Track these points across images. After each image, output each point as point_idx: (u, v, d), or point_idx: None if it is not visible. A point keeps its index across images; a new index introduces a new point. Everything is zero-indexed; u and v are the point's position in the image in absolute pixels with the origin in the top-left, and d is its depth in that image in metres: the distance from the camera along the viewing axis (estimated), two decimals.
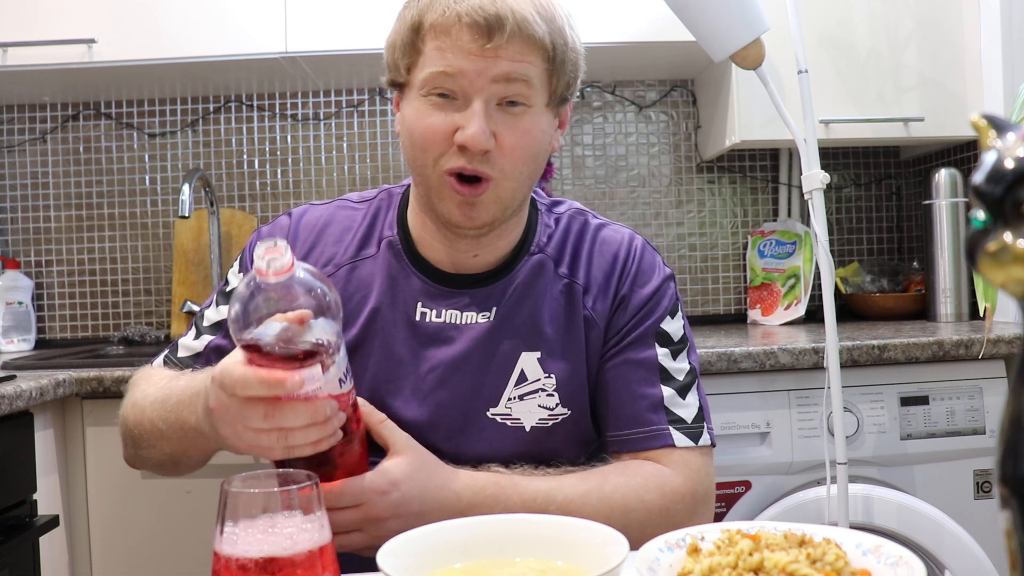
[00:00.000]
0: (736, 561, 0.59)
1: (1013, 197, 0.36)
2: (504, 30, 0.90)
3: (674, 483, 0.97)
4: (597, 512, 0.89)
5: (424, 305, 1.02)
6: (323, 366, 0.76)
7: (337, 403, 0.79)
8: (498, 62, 0.92)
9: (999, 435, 0.38)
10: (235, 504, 0.61)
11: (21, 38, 1.87)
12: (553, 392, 1.00)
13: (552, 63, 0.95)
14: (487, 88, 0.92)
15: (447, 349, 1.00)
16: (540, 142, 0.97)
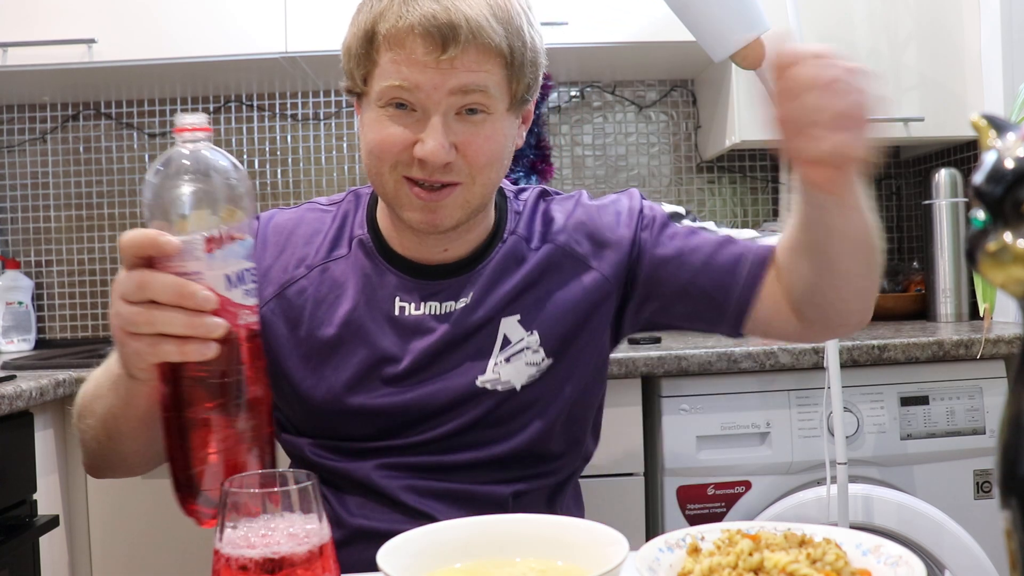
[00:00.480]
0: (736, 561, 0.59)
1: (1013, 197, 0.36)
2: (458, 40, 0.88)
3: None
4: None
5: (402, 300, 1.01)
6: (209, 245, 0.69)
7: (218, 301, 0.69)
8: (454, 73, 0.90)
9: (999, 435, 0.38)
10: (235, 503, 0.61)
11: (21, 38, 1.87)
12: (538, 348, 1.01)
13: (511, 68, 0.93)
14: (444, 100, 0.91)
15: (429, 338, 1.00)
16: (503, 146, 0.97)
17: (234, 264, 0.71)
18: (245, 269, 0.72)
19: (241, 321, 0.72)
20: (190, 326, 0.68)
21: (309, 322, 1.02)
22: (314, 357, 1.01)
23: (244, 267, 0.71)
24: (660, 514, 1.62)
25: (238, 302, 0.71)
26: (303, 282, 1.03)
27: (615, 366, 1.57)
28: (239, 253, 0.71)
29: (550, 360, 1.01)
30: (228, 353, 0.71)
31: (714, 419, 1.60)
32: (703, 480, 1.60)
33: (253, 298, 0.73)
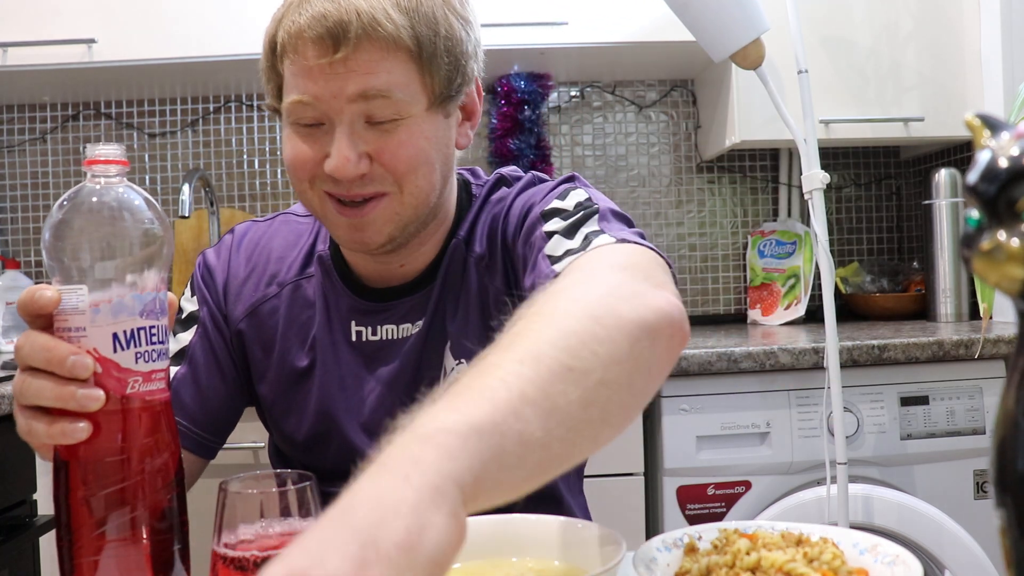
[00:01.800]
0: (733, 560, 0.59)
1: (1007, 196, 0.36)
2: (349, 37, 0.79)
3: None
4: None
5: (358, 324, 0.95)
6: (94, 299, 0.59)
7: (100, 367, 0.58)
8: (351, 77, 0.81)
9: (993, 433, 0.38)
10: (233, 504, 0.61)
11: (21, 38, 1.87)
12: None
13: (420, 61, 0.83)
14: (346, 109, 0.82)
15: (386, 368, 0.94)
16: (427, 150, 0.86)
17: (125, 322, 0.60)
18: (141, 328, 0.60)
19: (130, 390, 0.59)
20: (59, 397, 0.57)
21: (281, 345, 0.97)
22: (284, 382, 0.97)
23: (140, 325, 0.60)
24: (660, 514, 1.62)
25: (127, 367, 0.59)
26: (275, 301, 0.98)
27: None
28: (133, 308, 0.60)
29: None
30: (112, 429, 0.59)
31: (714, 419, 1.60)
32: (703, 480, 1.60)
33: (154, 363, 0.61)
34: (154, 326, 0.61)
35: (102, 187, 0.62)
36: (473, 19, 0.90)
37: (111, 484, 0.59)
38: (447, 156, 0.90)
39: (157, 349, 0.61)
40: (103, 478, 0.59)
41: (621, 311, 0.64)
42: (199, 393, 0.96)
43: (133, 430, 0.60)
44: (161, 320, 0.62)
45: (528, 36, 1.92)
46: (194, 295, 1.01)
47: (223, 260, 1.01)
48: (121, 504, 0.59)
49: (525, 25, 1.89)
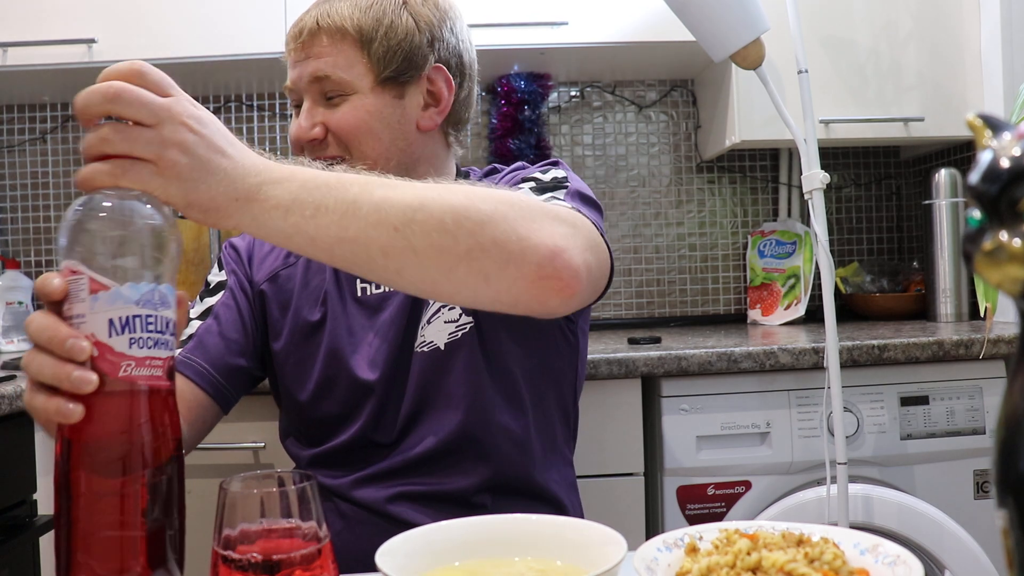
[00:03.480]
0: (734, 560, 0.59)
1: (1008, 196, 0.36)
2: (306, 26, 1.03)
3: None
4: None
5: (363, 281, 1.09)
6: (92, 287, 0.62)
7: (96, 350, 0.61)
8: (308, 63, 1.04)
9: (995, 434, 0.38)
10: (234, 504, 0.61)
11: (21, 38, 1.87)
12: (453, 305, 1.04)
13: (361, 45, 1.04)
14: (308, 88, 1.05)
15: (385, 314, 1.07)
16: (369, 121, 1.05)
17: (121, 309, 0.63)
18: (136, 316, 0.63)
19: (123, 372, 0.62)
20: (56, 376, 0.61)
21: (296, 304, 1.11)
22: (297, 337, 1.10)
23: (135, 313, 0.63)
24: (660, 514, 1.62)
25: (120, 351, 0.62)
26: (292, 269, 1.13)
27: (615, 366, 1.57)
28: (129, 297, 0.63)
29: (470, 318, 1.04)
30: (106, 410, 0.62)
31: (714, 419, 1.60)
32: (703, 480, 1.60)
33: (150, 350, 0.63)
34: (151, 315, 0.63)
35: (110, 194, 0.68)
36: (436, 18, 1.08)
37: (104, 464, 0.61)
38: (401, 131, 1.07)
39: (154, 338, 0.63)
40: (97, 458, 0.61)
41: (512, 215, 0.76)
42: (222, 341, 1.08)
43: (125, 412, 0.62)
44: (161, 311, 0.64)
45: (528, 36, 1.92)
46: (221, 269, 1.16)
47: (248, 240, 1.19)
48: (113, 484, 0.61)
49: (525, 25, 1.90)
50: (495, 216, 0.75)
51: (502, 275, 0.76)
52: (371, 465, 1.05)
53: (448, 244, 0.73)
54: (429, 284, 0.76)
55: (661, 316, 2.34)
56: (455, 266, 0.74)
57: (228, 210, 0.70)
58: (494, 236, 0.75)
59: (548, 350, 1.09)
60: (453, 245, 0.73)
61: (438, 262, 0.73)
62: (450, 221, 0.73)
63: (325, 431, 1.09)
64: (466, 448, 1.04)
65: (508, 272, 0.76)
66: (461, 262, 0.74)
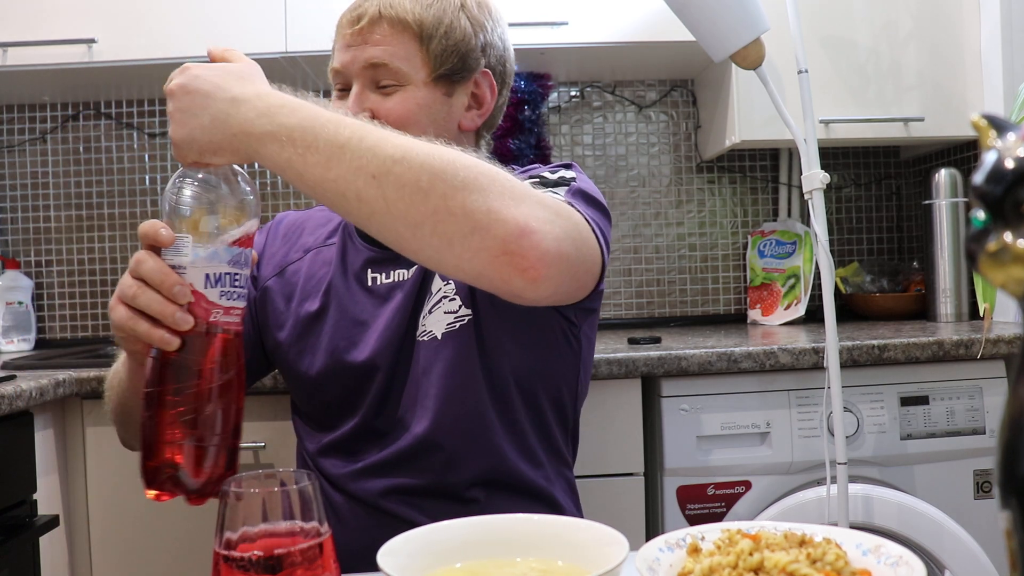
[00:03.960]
0: (736, 561, 0.59)
1: (1013, 197, 0.36)
2: (368, 13, 1.04)
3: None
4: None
5: (373, 271, 1.11)
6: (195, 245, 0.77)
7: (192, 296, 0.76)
8: (365, 48, 1.05)
9: (999, 435, 0.38)
10: (235, 504, 0.61)
11: (21, 38, 1.87)
12: (454, 296, 1.06)
13: (420, 40, 1.05)
14: (361, 74, 1.05)
15: (393, 302, 1.08)
16: (417, 114, 1.06)
17: (216, 266, 0.77)
18: (227, 273, 0.77)
19: (213, 318, 0.77)
20: (161, 312, 0.75)
21: (300, 295, 1.14)
22: (300, 326, 1.12)
23: (227, 271, 0.77)
24: (660, 514, 1.62)
25: (212, 300, 0.77)
26: (299, 263, 1.17)
27: (615, 366, 1.57)
28: (223, 257, 0.77)
29: (469, 311, 1.05)
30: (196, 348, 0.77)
31: (714, 419, 1.60)
32: (703, 480, 1.60)
33: (234, 302, 0.78)
34: (237, 274, 0.78)
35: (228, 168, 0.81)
36: (489, 25, 1.12)
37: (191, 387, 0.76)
38: (445, 128, 1.09)
39: (237, 291, 0.78)
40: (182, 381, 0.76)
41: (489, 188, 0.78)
42: None
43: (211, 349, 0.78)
44: (243, 270, 0.79)
45: (528, 36, 1.92)
46: None
47: (262, 236, 1.21)
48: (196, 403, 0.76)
49: (525, 25, 1.89)
50: (470, 184, 0.77)
51: (465, 243, 0.78)
52: (369, 456, 1.06)
53: (418, 201, 0.77)
54: (395, 236, 0.79)
55: (661, 316, 2.34)
56: (420, 224, 0.77)
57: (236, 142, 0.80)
58: (464, 203, 0.77)
59: (547, 351, 1.09)
60: (422, 203, 0.77)
61: (405, 217, 0.77)
62: (425, 179, 0.76)
63: (331, 419, 1.10)
64: (456, 441, 1.04)
65: (472, 241, 0.78)
66: (427, 221, 0.77)
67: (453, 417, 1.04)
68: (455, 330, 1.05)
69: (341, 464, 1.07)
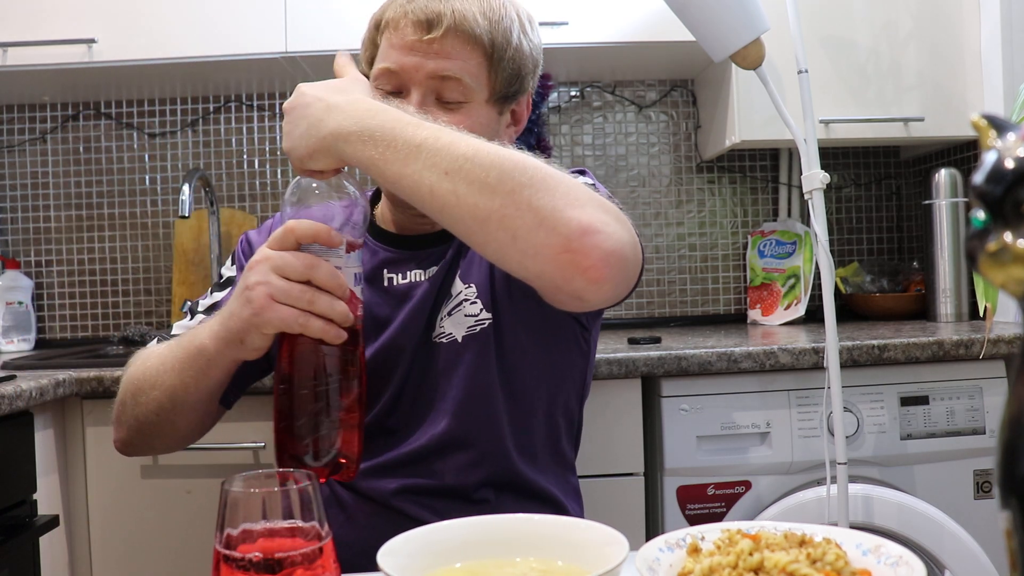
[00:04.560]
0: (736, 561, 0.59)
1: (1013, 197, 0.36)
2: (441, 24, 0.99)
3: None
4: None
5: (390, 272, 1.10)
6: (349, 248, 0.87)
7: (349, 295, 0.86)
8: (433, 58, 1.01)
9: (999, 435, 0.38)
10: (235, 504, 0.61)
11: (21, 38, 1.87)
12: (475, 300, 1.06)
13: (490, 60, 1.03)
14: (424, 83, 1.01)
15: (411, 302, 1.08)
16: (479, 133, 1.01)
17: (357, 267, 0.89)
18: (358, 272, 0.90)
19: (359, 313, 0.89)
20: (330, 310, 0.84)
21: None
22: None
23: (358, 270, 0.90)
24: (660, 514, 1.62)
25: (358, 298, 0.89)
26: None
27: (615, 366, 1.57)
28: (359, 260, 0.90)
29: (490, 315, 1.06)
30: (351, 337, 0.87)
31: (714, 419, 1.60)
32: (703, 480, 1.60)
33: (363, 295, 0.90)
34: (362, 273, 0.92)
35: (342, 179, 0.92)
36: (540, 47, 1.12)
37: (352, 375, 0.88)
38: None
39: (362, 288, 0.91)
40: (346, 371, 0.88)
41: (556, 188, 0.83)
42: None
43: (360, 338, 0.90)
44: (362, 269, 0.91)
45: None
46: (233, 264, 1.18)
47: (263, 234, 1.17)
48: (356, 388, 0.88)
49: None
50: (537, 183, 0.82)
51: (530, 238, 0.81)
52: (381, 455, 1.06)
53: (486, 196, 0.82)
54: (464, 229, 0.85)
55: (661, 316, 2.34)
56: (488, 218, 0.82)
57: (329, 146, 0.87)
58: (531, 200, 0.81)
59: (563, 355, 1.10)
60: (490, 198, 0.82)
61: (474, 211, 0.82)
62: (494, 176, 0.82)
63: None
64: (471, 443, 1.05)
65: (536, 236, 0.81)
66: (493, 216, 0.82)
67: (469, 420, 1.05)
68: (475, 333, 1.05)
69: None
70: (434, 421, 1.05)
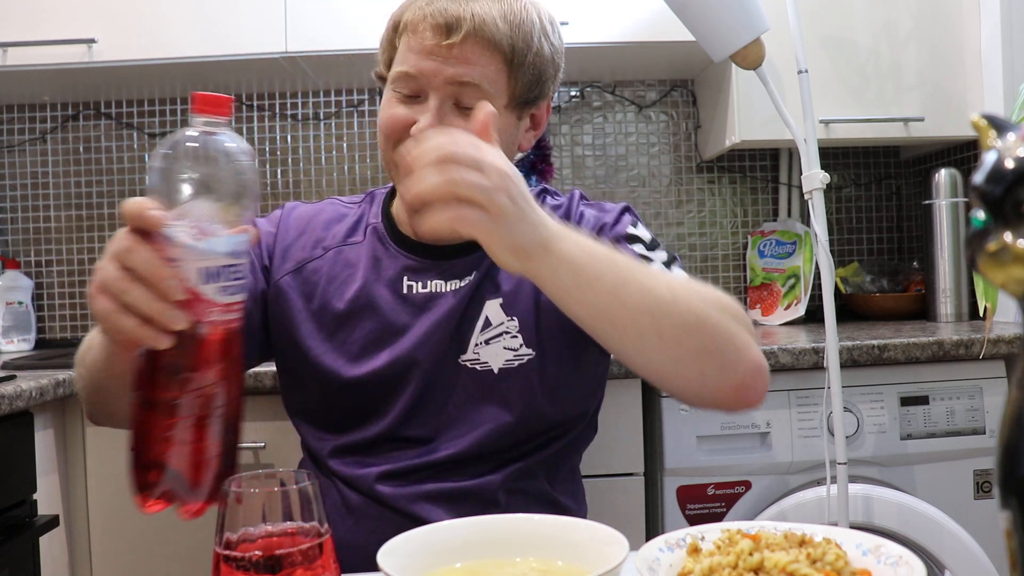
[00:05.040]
0: (736, 561, 0.59)
1: (1013, 197, 0.36)
2: (461, 29, 0.97)
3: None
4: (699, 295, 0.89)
5: (410, 279, 1.08)
6: (193, 234, 0.67)
7: (186, 293, 0.67)
8: (452, 63, 0.98)
9: (999, 435, 0.38)
10: (235, 504, 0.61)
11: (21, 38, 1.86)
12: (517, 334, 1.05)
13: (510, 66, 1.01)
14: (442, 88, 0.99)
15: (432, 314, 1.06)
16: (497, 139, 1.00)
17: (215, 259, 0.67)
18: (227, 266, 0.68)
19: (210, 319, 0.68)
20: (151, 310, 0.67)
21: (322, 296, 1.10)
22: (326, 327, 1.08)
23: (226, 263, 0.68)
24: (660, 514, 1.62)
25: (210, 298, 0.67)
26: (319, 262, 1.12)
27: (615, 366, 1.57)
28: (223, 248, 0.67)
29: (531, 351, 1.05)
30: (189, 348, 0.68)
31: (714, 419, 1.60)
32: (703, 480, 1.60)
33: (232, 296, 0.69)
34: (236, 264, 0.69)
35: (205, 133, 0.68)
36: (562, 50, 1.11)
37: (187, 389, 0.68)
38: (510, 152, 1.06)
39: (236, 284, 0.69)
40: (181, 383, 0.68)
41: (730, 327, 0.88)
42: None
43: (207, 348, 0.69)
44: (243, 259, 0.70)
45: None
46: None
47: (273, 224, 1.16)
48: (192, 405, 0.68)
49: None
50: (721, 326, 0.87)
51: (716, 377, 0.88)
52: (399, 461, 1.05)
53: (686, 339, 0.85)
54: (656, 366, 0.87)
55: None
56: (683, 358, 0.85)
57: (535, 255, 0.79)
58: (719, 343, 0.87)
59: (593, 380, 1.13)
60: (689, 341, 0.85)
61: (674, 352, 0.85)
62: (694, 320, 0.85)
63: (350, 422, 1.08)
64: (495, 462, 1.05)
65: (722, 377, 0.88)
66: (688, 356, 0.85)
67: (498, 445, 1.04)
68: (514, 368, 1.04)
69: (359, 466, 1.05)
70: (460, 440, 1.04)
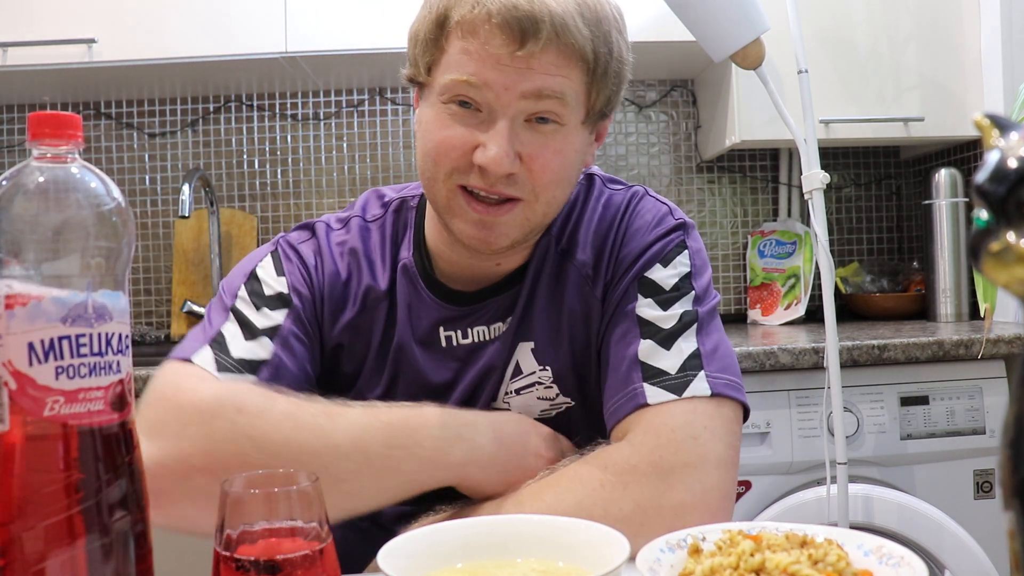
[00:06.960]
0: (737, 562, 0.59)
1: (1016, 197, 0.36)
2: (539, 36, 0.78)
3: (618, 456, 0.81)
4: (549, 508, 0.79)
5: (447, 330, 0.94)
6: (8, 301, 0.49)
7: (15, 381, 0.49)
8: (530, 75, 0.80)
9: (1002, 436, 0.38)
10: (235, 504, 0.60)
11: (21, 38, 1.86)
12: (551, 384, 0.93)
13: (592, 76, 0.83)
14: (515, 104, 0.81)
15: (478, 367, 0.94)
16: (573, 163, 0.87)
17: (43, 330, 0.49)
18: (65, 336, 0.50)
19: (49, 412, 0.49)
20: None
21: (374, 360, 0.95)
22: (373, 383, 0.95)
23: (63, 333, 0.50)
24: None
25: (44, 384, 0.49)
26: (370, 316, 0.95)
27: None
28: (53, 313, 0.49)
29: (568, 400, 0.95)
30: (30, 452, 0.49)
31: None
32: None
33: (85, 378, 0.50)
34: (84, 335, 0.50)
35: (43, 165, 0.52)
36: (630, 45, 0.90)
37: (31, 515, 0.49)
38: (579, 171, 0.91)
39: (90, 363, 0.50)
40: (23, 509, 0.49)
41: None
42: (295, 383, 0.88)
43: (54, 456, 0.50)
44: (98, 327, 0.51)
45: None
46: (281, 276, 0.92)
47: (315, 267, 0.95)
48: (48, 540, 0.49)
49: None
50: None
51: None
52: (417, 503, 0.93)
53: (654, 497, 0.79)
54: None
55: None
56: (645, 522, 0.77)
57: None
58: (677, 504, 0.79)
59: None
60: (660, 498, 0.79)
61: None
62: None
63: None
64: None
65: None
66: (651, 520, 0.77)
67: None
68: (551, 417, 0.94)
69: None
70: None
